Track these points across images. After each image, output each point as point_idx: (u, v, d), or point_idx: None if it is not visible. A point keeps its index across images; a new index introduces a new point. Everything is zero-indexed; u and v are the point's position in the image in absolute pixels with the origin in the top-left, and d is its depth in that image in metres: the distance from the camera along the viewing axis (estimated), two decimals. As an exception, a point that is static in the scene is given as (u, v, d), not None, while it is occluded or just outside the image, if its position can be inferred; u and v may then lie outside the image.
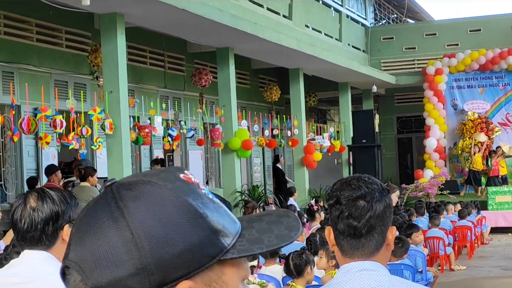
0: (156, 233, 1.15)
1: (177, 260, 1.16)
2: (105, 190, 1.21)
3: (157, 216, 1.17)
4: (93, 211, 1.19)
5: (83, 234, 1.17)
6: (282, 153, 24.66)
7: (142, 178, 1.21)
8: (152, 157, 17.70)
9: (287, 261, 6.94)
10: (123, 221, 1.15)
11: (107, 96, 12.76)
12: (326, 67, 21.62)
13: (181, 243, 1.16)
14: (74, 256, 1.17)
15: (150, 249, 1.14)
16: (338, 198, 2.52)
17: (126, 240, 1.14)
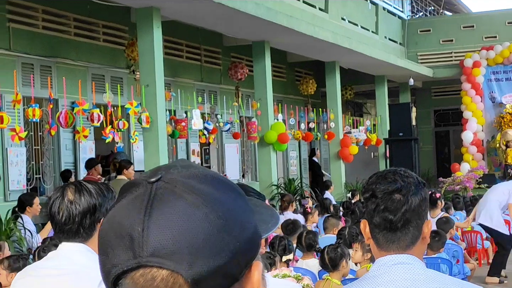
0: (237, 218, 1.17)
1: (251, 242, 1.18)
2: (165, 184, 1.17)
3: (232, 200, 1.19)
4: (167, 203, 1.15)
5: (165, 227, 1.12)
6: (318, 146, 24.62)
7: (197, 170, 1.21)
8: (188, 151, 17.76)
9: (322, 255, 6.94)
10: (207, 209, 1.14)
11: (144, 90, 12.82)
12: (362, 60, 21.54)
13: (251, 226, 1.19)
14: (159, 251, 1.11)
15: (238, 233, 1.15)
16: (373, 192, 2.52)
17: (219, 227, 1.13)
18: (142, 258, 1.11)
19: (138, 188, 1.18)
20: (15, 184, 12.95)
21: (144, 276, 1.12)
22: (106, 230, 1.17)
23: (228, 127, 16.93)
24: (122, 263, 1.13)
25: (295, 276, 5.66)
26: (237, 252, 1.15)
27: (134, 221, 1.13)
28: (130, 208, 1.15)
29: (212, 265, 1.12)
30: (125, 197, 1.19)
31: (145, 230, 1.12)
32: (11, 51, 13.13)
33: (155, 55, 12.86)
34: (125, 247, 1.13)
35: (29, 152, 13.65)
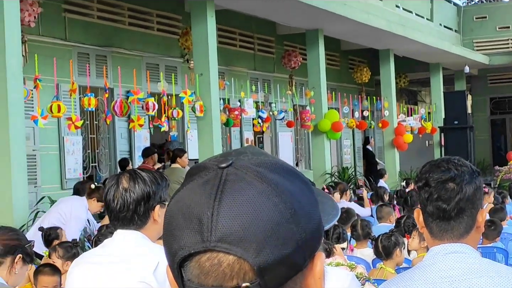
0: (305, 208, 1.17)
1: (316, 233, 1.18)
2: (236, 170, 1.17)
3: (301, 191, 1.19)
4: (238, 189, 1.15)
5: (235, 213, 1.13)
6: (372, 134, 24.50)
7: (268, 158, 1.21)
8: (242, 140, 17.80)
9: (376, 243, 6.91)
10: (277, 198, 1.14)
11: (198, 79, 12.88)
12: (417, 48, 21.35)
13: (316, 217, 1.20)
14: (227, 237, 1.12)
15: (304, 224, 1.16)
16: (427, 180, 2.50)
17: (287, 217, 1.14)
18: (210, 242, 1.12)
19: (208, 172, 1.18)
20: (71, 172, 13.13)
21: (211, 261, 1.13)
22: (174, 212, 1.18)
23: (282, 116, 16.93)
24: (190, 245, 1.14)
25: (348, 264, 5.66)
26: (303, 243, 1.15)
27: (203, 205, 1.14)
28: (200, 192, 1.16)
29: (278, 254, 1.12)
30: (194, 181, 1.19)
31: (214, 215, 1.12)
32: (67, 41, 13.30)
33: (209, 44, 12.90)
34: (193, 230, 1.14)
35: (85, 140, 13.83)
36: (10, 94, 9.02)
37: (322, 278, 1.20)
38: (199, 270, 1.14)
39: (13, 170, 8.96)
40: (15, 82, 9.14)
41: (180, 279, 1.17)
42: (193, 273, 1.15)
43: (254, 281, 1.12)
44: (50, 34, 12.98)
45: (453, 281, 2.41)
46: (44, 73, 10.53)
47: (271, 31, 18.96)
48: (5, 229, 4.55)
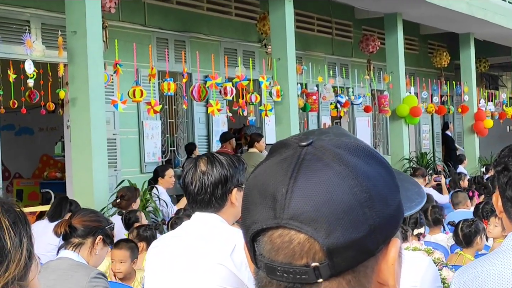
0: (382, 193, 1.16)
1: (392, 219, 1.18)
2: (315, 150, 1.17)
3: (379, 175, 1.18)
4: (314, 169, 1.15)
5: (309, 193, 1.13)
6: (452, 120, 24.18)
7: (349, 139, 1.21)
8: (319, 124, 17.77)
9: (456, 231, 6.84)
10: (353, 181, 1.14)
11: (275, 64, 12.89)
12: (498, 32, 20.96)
13: (394, 203, 1.18)
14: (299, 215, 1.12)
15: (379, 209, 1.15)
16: (506, 165, 2.47)
17: (362, 201, 1.13)
18: (282, 219, 1.13)
19: (287, 149, 1.18)
20: (150, 156, 13.29)
21: (282, 237, 1.14)
22: (251, 187, 1.19)
23: (360, 101, 16.84)
24: (262, 220, 1.15)
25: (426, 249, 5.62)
26: (376, 228, 1.14)
27: (279, 182, 1.14)
28: (277, 168, 1.16)
29: (349, 237, 1.12)
30: (274, 157, 1.19)
31: (288, 193, 1.13)
32: (146, 26, 13.45)
33: (286, 29, 12.90)
34: (267, 206, 1.15)
35: (164, 125, 13.97)
36: (91, 79, 9.19)
37: (396, 264, 1.19)
38: (271, 245, 1.15)
39: (93, 153, 9.13)
40: (96, 67, 9.30)
41: (252, 253, 1.18)
42: (265, 248, 1.16)
43: (323, 261, 1.13)
44: (130, 19, 13.14)
45: (532, 266, 2.38)
46: (124, 58, 10.67)
47: (349, 15, 18.85)
48: (86, 211, 4.66)
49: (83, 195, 9.05)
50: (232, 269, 3.15)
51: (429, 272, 4.07)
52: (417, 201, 1.30)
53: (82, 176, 9.24)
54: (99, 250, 4.40)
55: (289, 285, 1.15)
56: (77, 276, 4.17)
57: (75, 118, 9.38)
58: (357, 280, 1.16)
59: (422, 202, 1.31)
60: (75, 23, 9.30)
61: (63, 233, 4.35)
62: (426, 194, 1.35)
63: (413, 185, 1.33)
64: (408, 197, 1.27)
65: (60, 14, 10.41)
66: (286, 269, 1.14)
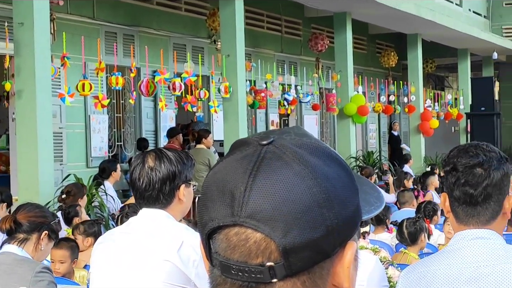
0: (340, 195, 1.15)
1: (350, 221, 1.17)
2: (276, 149, 1.16)
3: (339, 177, 1.17)
4: (274, 168, 1.14)
5: (267, 192, 1.12)
6: (398, 119, 24.41)
7: (310, 140, 1.20)
8: (267, 122, 17.80)
9: (401, 229, 6.90)
10: (312, 181, 1.13)
11: (224, 60, 12.87)
12: (445, 33, 21.21)
13: (352, 205, 1.18)
14: (257, 214, 1.11)
15: (338, 210, 1.14)
16: (454, 165, 2.49)
17: (320, 201, 1.13)
18: (239, 217, 1.12)
19: (248, 147, 1.18)
20: (97, 150, 13.19)
21: (238, 235, 1.13)
22: (210, 183, 1.18)
23: (308, 99, 16.89)
24: (219, 218, 1.14)
25: (372, 248, 5.66)
26: (334, 229, 1.13)
27: (238, 180, 1.14)
28: (236, 166, 1.16)
29: (305, 237, 1.11)
30: (234, 154, 1.19)
31: (247, 191, 1.12)
32: (95, 19, 13.33)
33: (236, 25, 12.88)
34: (224, 203, 1.14)
35: (111, 119, 13.87)
36: (38, 72, 9.06)
37: (352, 267, 1.18)
38: (227, 243, 1.14)
39: (39, 147, 9.01)
40: (43, 59, 9.17)
41: (208, 250, 1.17)
42: (221, 246, 1.15)
43: (279, 261, 1.12)
44: (79, 12, 13.01)
45: (478, 266, 2.40)
46: (71, 51, 10.55)
47: (298, 13, 18.90)
48: (31, 206, 4.59)
49: (28, 189, 8.94)
50: (179, 266, 3.13)
51: (376, 271, 4.09)
52: (376, 205, 1.29)
53: (27, 170, 9.12)
54: (44, 245, 4.34)
55: (244, 284, 1.14)
56: (21, 271, 4.11)
57: (21, 111, 9.24)
58: (312, 281, 1.15)
59: (381, 206, 1.30)
60: (22, 15, 9.17)
61: (8, 229, 4.29)
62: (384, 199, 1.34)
63: (373, 189, 1.32)
64: (367, 200, 1.26)
65: (7, 5, 10.27)
66: (241, 267, 1.13)
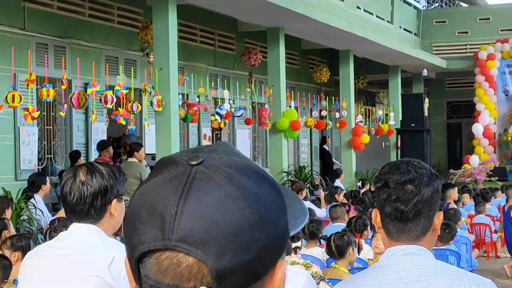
0: (271, 215, 1.14)
1: (280, 240, 1.16)
2: (206, 169, 1.14)
3: (269, 196, 1.16)
4: (205, 190, 1.12)
5: (199, 214, 1.10)
6: (330, 134, 24.61)
7: (238, 159, 1.19)
8: (200, 135, 17.77)
9: (329, 243, 6.94)
10: (243, 203, 1.12)
11: (157, 73, 12.82)
12: (376, 50, 21.48)
13: (282, 224, 1.17)
14: (188, 237, 1.09)
15: (269, 231, 1.13)
16: (386, 181, 2.51)
17: (252, 223, 1.11)
18: (171, 241, 1.10)
19: (177, 167, 1.15)
20: (26, 163, 12.98)
21: (170, 260, 1.11)
22: (137, 205, 1.15)
23: (241, 113, 16.92)
24: (150, 242, 1.12)
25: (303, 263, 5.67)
26: (265, 250, 1.13)
27: (168, 202, 1.11)
28: (166, 187, 1.13)
29: (238, 260, 1.10)
30: (161, 174, 1.16)
31: (178, 214, 1.10)
32: (26, 30, 13.15)
33: (169, 38, 12.85)
34: (155, 226, 1.11)
35: (41, 132, 13.69)
36: (-34, 83, 8.91)
37: (282, 286, 1.18)
38: (157, 267, 1.12)
39: (-33, 159, 8.85)
40: (-28, 70, 9.02)
41: (137, 273, 1.15)
42: (151, 269, 1.13)
43: (211, 285, 1.11)
44: (9, 23, 12.82)
45: (408, 282, 2.42)
46: (1, 62, 10.41)
47: (232, 27, 18.95)
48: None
49: (-45, 202, 8.76)
50: (109, 281, 3.09)
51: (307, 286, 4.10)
52: (301, 218, 1.29)
53: (-47, 183, 8.94)
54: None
55: None
56: None
57: None
58: None
59: (305, 219, 1.30)
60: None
61: None
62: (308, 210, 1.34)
63: (296, 200, 1.32)
64: (292, 214, 1.26)
65: None
66: None
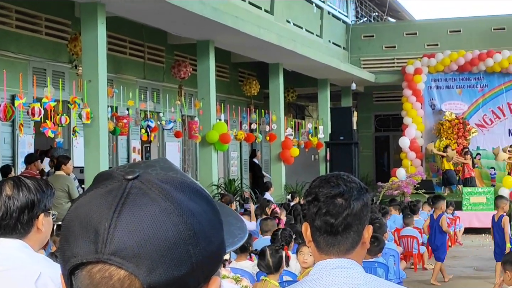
0: (206, 231, 1.15)
1: (215, 256, 1.17)
2: (141, 184, 1.15)
3: (204, 212, 1.17)
4: (139, 204, 1.12)
5: (133, 229, 1.10)
6: (260, 147, 24.68)
7: (175, 175, 1.19)
8: (129, 148, 17.64)
9: (264, 257, 6.93)
10: (178, 218, 1.12)
11: (86, 85, 12.70)
12: (306, 63, 21.64)
13: (217, 240, 1.18)
14: (121, 251, 1.09)
15: (203, 246, 1.14)
16: (316, 195, 2.52)
17: (186, 238, 1.12)
18: (103, 254, 1.10)
19: (112, 181, 1.16)
20: (-50, 177, 12.71)
21: (102, 273, 1.11)
22: (72, 218, 1.15)
23: (171, 126, 16.85)
24: (82, 255, 1.12)
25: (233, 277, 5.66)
26: (199, 266, 1.13)
27: (102, 216, 1.11)
28: (101, 201, 1.13)
29: (171, 274, 1.10)
30: (98, 188, 1.16)
31: (111, 228, 1.10)
32: (-49, 41, 12.91)
33: (98, 50, 12.75)
34: (88, 240, 1.11)
35: (-34, 144, 13.42)
36: None
37: None
38: (89, 280, 1.12)
39: None
40: None
41: (69, 286, 1.15)
42: (83, 282, 1.12)
43: None
44: None
45: (338, 296, 2.43)
46: None
47: (161, 40, 18.89)
48: None
49: None
50: (36, 297, 3.03)
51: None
52: (240, 236, 1.30)
53: None
54: None
55: None
56: None
57: None
58: None
59: (244, 237, 1.31)
60: None
61: None
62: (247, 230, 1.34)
63: (236, 219, 1.33)
64: (231, 232, 1.27)
65: None
66: None
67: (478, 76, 26.35)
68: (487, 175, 25.51)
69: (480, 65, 25.83)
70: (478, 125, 26.25)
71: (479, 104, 26.39)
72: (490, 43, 26.37)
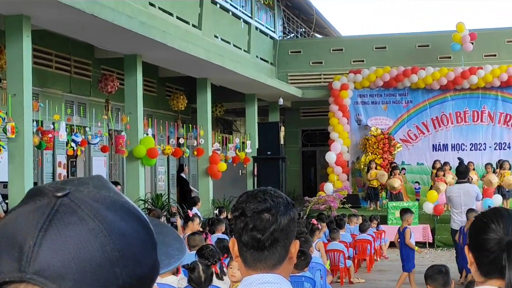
0: (135, 253, 1.13)
1: (145, 278, 1.15)
2: (71, 202, 1.12)
3: (136, 232, 1.15)
4: (67, 223, 1.10)
5: (58, 248, 1.08)
6: (187, 162, 24.61)
7: (108, 193, 1.17)
8: (54, 163, 17.42)
9: (195, 273, 6.91)
10: (106, 238, 1.10)
11: (10, 99, 12.51)
12: (233, 78, 21.69)
13: (149, 261, 1.16)
14: (45, 271, 1.07)
15: (131, 268, 1.12)
16: (243, 210, 2.52)
17: (113, 259, 1.10)
18: (27, 274, 1.08)
19: (42, 198, 1.13)
20: None
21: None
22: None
23: (97, 140, 16.70)
24: (6, 273, 1.09)
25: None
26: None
27: (28, 234, 1.09)
28: (28, 218, 1.11)
29: None
30: (27, 204, 1.14)
31: (36, 246, 1.08)
32: None
33: (23, 64, 12.58)
34: (12, 257, 1.09)
35: None
36: None
37: None
38: None
39: None
40: None
41: None
42: None
43: None
44: None
45: (265, 310, 2.44)
46: None
47: (88, 54, 18.72)
48: None
49: None
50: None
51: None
52: (177, 257, 1.29)
53: None
54: None
55: None
56: None
57: None
58: None
59: (181, 258, 1.30)
60: None
61: None
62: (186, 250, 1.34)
63: (175, 239, 1.31)
64: (168, 253, 1.25)
65: None
66: None
67: (403, 92, 26.74)
68: (412, 190, 25.88)
69: (405, 81, 26.23)
70: (403, 140, 26.62)
71: (404, 120, 26.77)
72: (415, 59, 26.82)
